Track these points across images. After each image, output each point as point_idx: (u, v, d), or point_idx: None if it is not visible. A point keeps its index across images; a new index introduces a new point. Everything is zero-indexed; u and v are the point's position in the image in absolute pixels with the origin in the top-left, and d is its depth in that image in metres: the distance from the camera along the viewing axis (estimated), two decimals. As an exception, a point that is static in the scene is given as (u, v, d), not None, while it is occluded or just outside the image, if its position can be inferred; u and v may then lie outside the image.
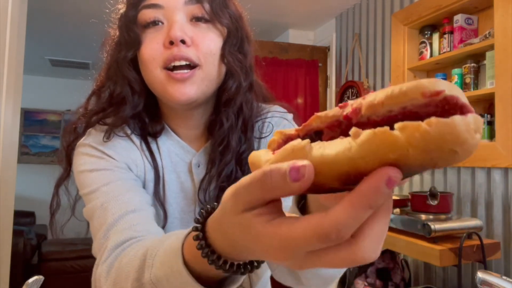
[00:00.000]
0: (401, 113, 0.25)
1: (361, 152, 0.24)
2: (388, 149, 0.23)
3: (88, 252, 2.57)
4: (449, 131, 0.22)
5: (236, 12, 0.71)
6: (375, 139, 0.23)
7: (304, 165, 0.26)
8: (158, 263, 0.45)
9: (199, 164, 0.74)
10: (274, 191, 0.27)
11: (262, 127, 0.75)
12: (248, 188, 0.29)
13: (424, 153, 0.23)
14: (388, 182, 0.24)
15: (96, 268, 0.57)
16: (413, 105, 0.24)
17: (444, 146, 0.22)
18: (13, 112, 1.96)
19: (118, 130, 0.70)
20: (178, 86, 0.64)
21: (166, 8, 0.65)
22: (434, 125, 0.22)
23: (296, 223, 0.27)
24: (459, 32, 2.00)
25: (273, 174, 0.26)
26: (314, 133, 0.30)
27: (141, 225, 0.59)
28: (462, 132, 0.22)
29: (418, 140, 0.22)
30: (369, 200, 0.24)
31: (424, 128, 0.22)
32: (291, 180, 0.26)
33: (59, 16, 3.18)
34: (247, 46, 0.73)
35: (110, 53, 0.72)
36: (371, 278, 2.02)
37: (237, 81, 0.69)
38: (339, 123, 0.28)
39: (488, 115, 1.87)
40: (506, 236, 1.77)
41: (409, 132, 0.22)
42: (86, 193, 0.65)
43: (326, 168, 0.26)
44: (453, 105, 0.23)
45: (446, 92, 0.23)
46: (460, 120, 0.22)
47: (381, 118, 0.26)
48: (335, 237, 0.25)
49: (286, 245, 0.27)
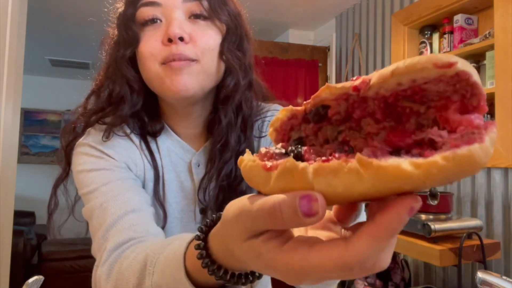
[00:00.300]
0: (410, 87, 0.24)
1: (374, 186, 0.23)
2: (403, 183, 0.22)
3: (88, 252, 2.56)
4: (468, 164, 0.21)
5: (235, 10, 0.71)
6: (388, 174, 0.22)
7: (316, 199, 0.25)
8: (159, 271, 0.45)
9: (199, 163, 0.74)
10: (285, 225, 0.26)
11: (262, 126, 0.75)
12: (255, 219, 0.28)
13: (441, 183, 0.22)
14: (410, 211, 0.24)
15: (96, 269, 0.56)
16: (424, 77, 0.23)
17: (463, 175, 0.22)
18: (13, 112, 1.96)
19: (118, 130, 0.69)
20: (175, 77, 0.63)
21: (164, 5, 0.65)
22: (451, 160, 0.21)
23: (312, 251, 0.26)
24: (459, 32, 2.00)
25: (283, 209, 0.25)
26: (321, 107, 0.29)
27: (141, 225, 0.59)
28: (481, 160, 0.21)
29: (436, 175, 0.21)
30: (392, 231, 0.24)
31: (441, 165, 0.21)
32: (303, 215, 0.25)
33: (59, 16, 3.18)
34: (246, 44, 0.72)
35: (109, 52, 0.71)
36: (371, 278, 2.02)
37: (236, 79, 0.69)
38: (347, 97, 0.27)
39: (488, 115, 1.87)
40: (506, 236, 1.77)
41: (425, 169, 0.21)
42: (85, 193, 0.65)
43: (335, 198, 0.25)
44: (464, 83, 0.23)
45: (458, 65, 0.23)
46: (479, 150, 0.21)
47: (390, 93, 0.25)
48: (358, 270, 0.25)
49: (304, 274, 0.26)
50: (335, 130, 0.29)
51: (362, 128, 0.27)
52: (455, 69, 0.23)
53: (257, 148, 0.74)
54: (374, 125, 0.27)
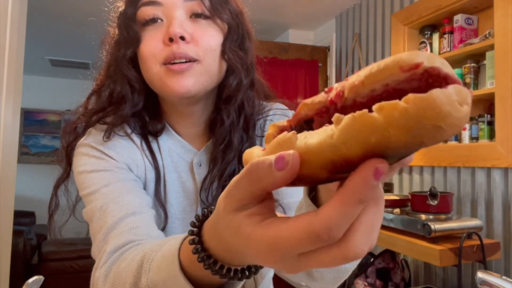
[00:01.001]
0: (385, 91, 0.24)
1: (342, 138, 0.23)
2: (368, 132, 0.22)
3: (88, 252, 2.56)
4: (428, 106, 0.21)
5: (236, 8, 0.71)
6: (355, 123, 0.22)
7: (289, 153, 0.25)
8: (155, 267, 0.44)
9: (201, 163, 0.73)
10: (260, 182, 0.27)
11: (264, 125, 0.75)
12: (237, 183, 0.28)
13: (406, 132, 0.21)
14: (376, 173, 0.23)
15: (94, 271, 0.56)
16: (394, 81, 0.23)
17: (425, 122, 0.21)
18: (13, 112, 1.96)
19: (118, 129, 0.69)
20: (176, 78, 0.63)
21: (165, 5, 0.65)
22: (412, 101, 0.21)
23: (284, 223, 0.26)
24: (459, 32, 2.00)
25: (259, 165, 0.26)
26: (304, 122, 0.30)
27: (141, 228, 0.58)
28: (443, 105, 0.21)
29: (398, 119, 0.21)
30: (359, 195, 0.24)
31: (402, 106, 0.21)
32: (276, 169, 0.25)
33: (59, 16, 3.18)
34: (248, 43, 0.72)
35: (110, 51, 0.71)
36: (371, 278, 2.02)
37: (238, 78, 0.69)
38: (326, 109, 0.27)
39: (488, 115, 1.87)
40: (506, 236, 1.77)
41: (387, 112, 0.21)
42: (85, 194, 0.65)
43: (311, 157, 0.25)
44: (436, 77, 0.22)
45: (425, 64, 0.22)
46: (440, 93, 0.21)
47: (366, 99, 0.25)
48: (327, 237, 0.24)
49: (274, 247, 0.26)
50: None
51: None
52: (423, 68, 0.22)
53: None
54: None
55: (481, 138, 1.89)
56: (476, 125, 1.92)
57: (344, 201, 0.24)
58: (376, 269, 2.04)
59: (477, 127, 1.92)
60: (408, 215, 1.78)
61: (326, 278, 0.55)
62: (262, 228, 0.27)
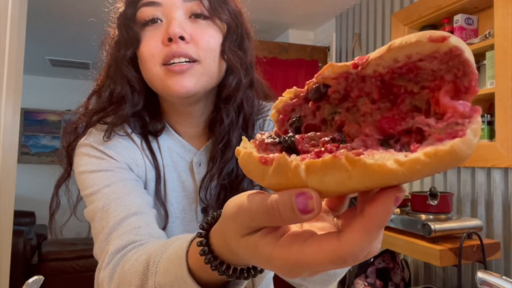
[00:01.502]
0: (406, 64, 0.25)
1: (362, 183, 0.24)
2: (390, 179, 0.23)
3: (88, 252, 2.57)
4: (450, 158, 0.22)
5: (235, 8, 0.71)
6: (374, 172, 0.23)
7: (311, 197, 0.26)
8: (162, 270, 0.45)
9: (200, 163, 0.74)
10: (283, 222, 0.27)
11: (263, 125, 0.75)
12: (253, 217, 0.29)
13: (428, 175, 0.23)
14: (396, 201, 0.25)
15: (98, 272, 0.56)
16: (418, 53, 0.24)
17: (447, 168, 0.22)
18: (13, 112, 1.96)
19: (119, 129, 0.70)
20: (176, 78, 0.63)
21: (165, 5, 0.65)
22: (433, 156, 0.22)
23: (306, 246, 0.27)
24: (459, 32, 2.00)
25: (281, 208, 0.27)
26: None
27: (143, 228, 0.59)
28: (463, 153, 0.22)
29: (420, 171, 0.22)
30: (381, 222, 0.25)
31: (423, 161, 0.22)
32: (300, 213, 0.26)
33: (59, 16, 3.18)
34: (247, 43, 0.72)
35: (110, 52, 0.71)
36: (371, 278, 2.02)
37: (237, 78, 0.69)
38: (347, 75, 0.28)
39: (488, 115, 1.87)
40: (506, 236, 1.77)
41: (409, 166, 0.22)
42: (87, 194, 0.65)
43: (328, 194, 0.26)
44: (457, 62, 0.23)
45: (451, 40, 0.23)
46: (461, 144, 0.21)
47: (387, 71, 0.26)
48: (352, 262, 0.26)
49: (297, 267, 0.27)
50: (333, 110, 0.30)
51: (358, 109, 0.28)
52: (448, 44, 0.23)
53: None
54: (370, 105, 0.28)
55: (481, 138, 1.89)
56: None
57: (366, 228, 0.25)
58: (376, 269, 2.04)
59: (477, 127, 1.92)
60: (408, 215, 1.78)
61: (315, 279, 0.57)
62: (282, 249, 0.28)
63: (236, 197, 0.31)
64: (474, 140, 0.22)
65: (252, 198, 0.29)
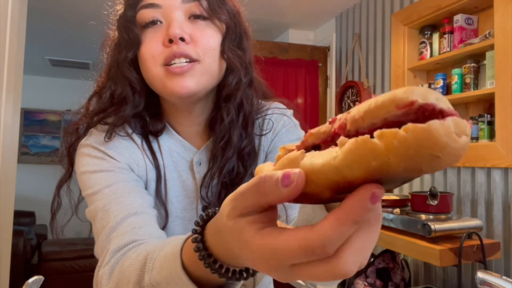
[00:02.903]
0: (385, 124, 0.25)
1: (345, 161, 0.24)
2: (369, 157, 0.23)
3: (88, 252, 2.59)
4: (426, 137, 0.22)
5: (234, 8, 0.72)
6: (357, 148, 0.24)
7: (295, 172, 0.27)
8: (158, 266, 0.45)
9: (201, 162, 0.74)
10: (267, 196, 0.28)
11: (263, 124, 0.76)
12: (244, 193, 0.30)
13: (404, 159, 0.23)
14: (372, 197, 0.25)
15: (98, 269, 0.57)
16: (392, 116, 0.24)
17: (423, 151, 0.22)
18: (13, 112, 1.96)
19: (119, 130, 0.70)
20: (177, 79, 0.64)
21: (164, 7, 0.65)
22: (410, 131, 0.22)
23: (282, 234, 0.28)
24: (459, 32, 2.00)
25: (267, 180, 0.28)
26: (312, 147, 0.31)
27: (143, 228, 0.59)
28: (441, 137, 0.22)
29: (397, 147, 0.22)
30: (354, 216, 0.25)
31: (401, 135, 0.22)
32: (282, 185, 0.27)
33: (59, 16, 3.18)
34: (245, 42, 0.73)
35: (110, 54, 0.72)
36: (371, 278, 2.02)
37: (238, 77, 0.70)
38: (332, 138, 0.29)
39: (488, 115, 1.87)
40: (506, 236, 1.77)
41: (387, 139, 0.23)
42: (88, 194, 0.66)
43: (316, 177, 0.27)
44: (431, 112, 0.23)
45: (419, 101, 0.23)
46: (438, 124, 0.22)
47: (368, 131, 0.26)
48: (320, 252, 0.26)
49: (270, 256, 0.28)
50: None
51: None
52: (418, 105, 0.23)
53: (258, 146, 0.75)
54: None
55: (481, 138, 1.89)
56: (476, 125, 1.92)
57: (339, 220, 0.25)
58: (376, 269, 2.04)
59: (477, 127, 1.92)
60: (408, 215, 1.78)
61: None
62: (261, 236, 0.29)
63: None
64: (453, 129, 0.22)
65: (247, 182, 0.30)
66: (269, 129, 0.75)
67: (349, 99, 2.82)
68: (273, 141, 0.75)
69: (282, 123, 0.76)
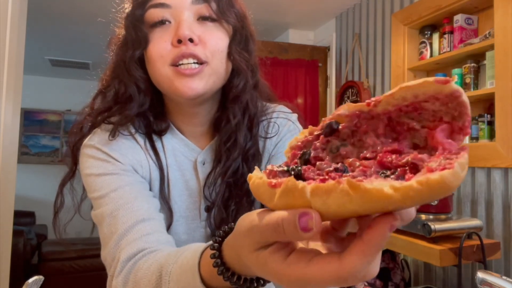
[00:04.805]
0: (412, 103, 0.29)
1: (361, 206, 0.26)
2: (386, 204, 0.26)
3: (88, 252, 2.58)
4: (439, 187, 0.24)
5: (241, 11, 0.72)
6: (373, 196, 0.26)
7: (312, 217, 0.29)
8: (175, 279, 0.47)
9: (204, 161, 0.74)
10: (287, 238, 0.30)
11: (268, 127, 0.76)
12: (262, 232, 0.32)
13: (419, 203, 0.26)
14: (391, 228, 0.28)
15: (110, 279, 0.58)
16: (424, 93, 0.28)
17: (436, 196, 0.25)
18: (13, 112, 1.96)
19: (123, 129, 0.70)
20: (186, 81, 0.64)
21: (174, 7, 0.65)
22: (425, 184, 0.24)
23: (311, 265, 0.30)
24: (459, 32, 2.00)
25: (285, 225, 0.29)
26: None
27: (151, 235, 0.60)
28: (452, 183, 0.24)
29: (412, 197, 0.25)
30: (378, 246, 0.28)
31: (416, 188, 0.25)
32: (301, 230, 0.29)
33: (59, 16, 3.18)
34: (251, 45, 0.74)
35: (117, 52, 0.72)
36: (371, 278, 2.03)
37: (244, 79, 0.70)
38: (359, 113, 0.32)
39: (488, 115, 1.87)
40: (506, 236, 1.77)
41: (403, 191, 0.25)
42: (94, 197, 0.66)
43: (330, 215, 0.29)
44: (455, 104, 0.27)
45: (453, 83, 0.27)
46: (449, 174, 0.24)
47: (394, 108, 0.30)
48: (351, 281, 0.29)
49: (304, 284, 0.30)
50: (340, 144, 0.34)
51: (363, 142, 0.32)
52: (450, 86, 0.27)
53: (262, 148, 0.75)
54: (374, 138, 0.32)
55: (481, 138, 1.89)
56: (476, 125, 1.92)
57: (364, 251, 0.28)
58: (376, 269, 2.04)
59: (477, 127, 1.92)
60: (408, 215, 1.78)
61: None
62: (289, 266, 0.31)
63: (248, 214, 0.34)
64: (461, 173, 0.25)
65: (261, 215, 0.32)
66: (275, 133, 0.76)
67: (349, 99, 2.82)
68: (277, 146, 0.75)
69: (287, 128, 0.76)
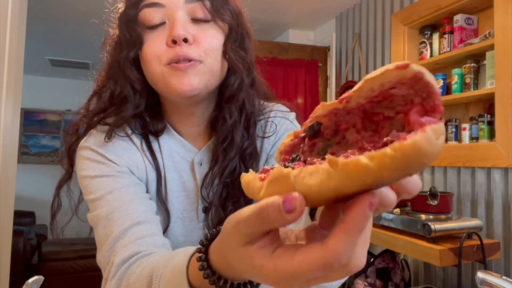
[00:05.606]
0: (381, 93, 0.29)
1: (341, 181, 0.27)
2: (364, 176, 0.26)
3: (88, 252, 2.59)
4: (413, 151, 0.24)
5: (236, 9, 0.71)
6: (350, 168, 0.26)
7: (295, 197, 0.28)
8: (165, 283, 0.47)
9: (201, 162, 0.74)
10: (271, 223, 0.29)
11: (265, 126, 0.76)
12: (247, 222, 0.31)
13: (396, 171, 0.26)
14: (370, 206, 0.27)
15: (104, 283, 0.58)
16: (389, 81, 0.28)
17: (412, 163, 0.25)
18: (13, 112, 1.96)
19: (119, 130, 0.69)
20: (181, 77, 0.63)
21: (167, 7, 0.65)
22: (398, 149, 0.25)
23: (296, 255, 0.29)
24: (459, 32, 2.00)
25: (269, 208, 0.29)
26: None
27: (146, 238, 0.60)
28: (425, 147, 0.24)
29: (388, 164, 0.25)
30: (359, 226, 0.28)
31: (390, 154, 0.25)
32: (285, 212, 0.28)
33: (59, 16, 3.18)
34: (247, 43, 0.73)
35: (111, 52, 0.71)
36: (371, 278, 2.02)
37: (240, 77, 0.69)
38: (336, 111, 0.33)
39: (488, 115, 1.87)
40: (506, 236, 1.77)
41: (377, 160, 0.25)
42: (90, 199, 0.65)
43: (313, 197, 0.29)
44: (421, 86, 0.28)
45: (412, 65, 0.27)
46: (421, 138, 0.24)
47: (366, 101, 0.30)
48: (337, 265, 0.28)
49: (289, 277, 0.29)
50: (326, 145, 0.34)
51: (347, 140, 0.33)
52: (411, 69, 0.27)
53: (260, 148, 0.75)
54: (355, 134, 0.32)
55: (481, 138, 1.89)
56: (476, 125, 1.92)
57: (347, 231, 0.28)
58: (376, 269, 2.04)
59: (477, 127, 1.92)
60: (408, 215, 1.78)
61: None
62: (274, 260, 0.30)
63: (235, 213, 0.33)
64: (435, 139, 0.25)
65: (247, 207, 0.32)
66: (272, 132, 0.75)
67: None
68: (275, 145, 0.75)
69: (285, 127, 0.76)
